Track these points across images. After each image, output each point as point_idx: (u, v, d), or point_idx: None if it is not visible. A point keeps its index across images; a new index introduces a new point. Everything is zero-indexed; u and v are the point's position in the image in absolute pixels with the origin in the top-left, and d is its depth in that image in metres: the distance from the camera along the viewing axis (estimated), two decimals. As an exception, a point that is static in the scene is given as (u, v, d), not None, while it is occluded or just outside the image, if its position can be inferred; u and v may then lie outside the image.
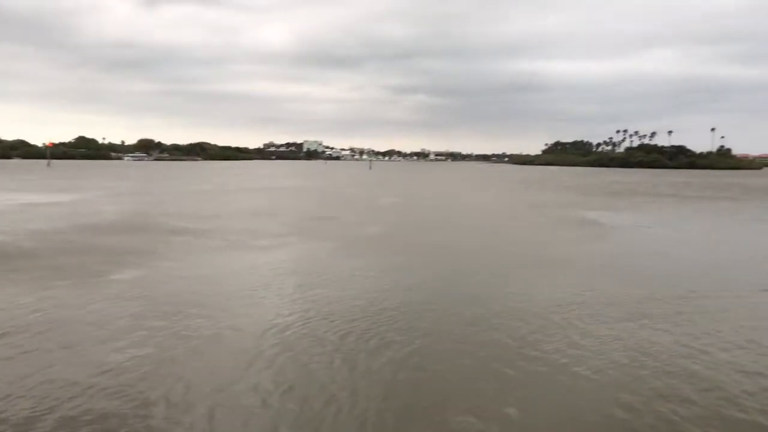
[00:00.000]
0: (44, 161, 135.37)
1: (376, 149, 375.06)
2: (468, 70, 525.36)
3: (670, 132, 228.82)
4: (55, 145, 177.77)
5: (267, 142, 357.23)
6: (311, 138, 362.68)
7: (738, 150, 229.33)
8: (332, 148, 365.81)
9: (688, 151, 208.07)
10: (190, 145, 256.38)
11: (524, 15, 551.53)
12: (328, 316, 12.15)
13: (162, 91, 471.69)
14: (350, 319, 11.90)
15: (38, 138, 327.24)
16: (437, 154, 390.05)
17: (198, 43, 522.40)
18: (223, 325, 11.53)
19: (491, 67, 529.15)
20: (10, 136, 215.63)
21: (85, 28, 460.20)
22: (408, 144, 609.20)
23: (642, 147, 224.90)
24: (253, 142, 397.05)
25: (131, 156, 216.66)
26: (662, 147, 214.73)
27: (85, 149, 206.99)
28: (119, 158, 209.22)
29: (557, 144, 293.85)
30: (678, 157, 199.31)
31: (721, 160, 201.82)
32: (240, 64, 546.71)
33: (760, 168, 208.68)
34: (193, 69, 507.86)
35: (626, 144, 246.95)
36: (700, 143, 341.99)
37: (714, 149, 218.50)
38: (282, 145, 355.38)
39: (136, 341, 10.40)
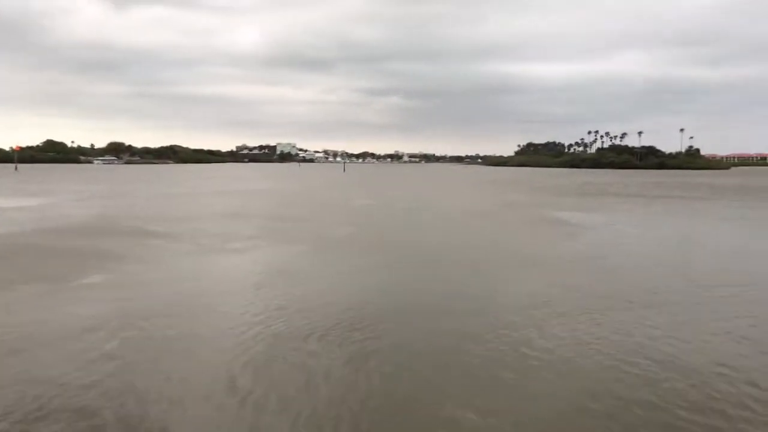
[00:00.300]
0: (11, 165, 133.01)
1: (350, 151, 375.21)
2: (441, 72, 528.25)
3: (640, 133, 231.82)
4: (22, 149, 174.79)
5: (240, 144, 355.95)
6: (285, 140, 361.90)
7: (707, 150, 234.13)
8: (306, 151, 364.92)
9: (658, 151, 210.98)
10: (162, 148, 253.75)
11: (497, 18, 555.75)
12: (294, 319, 12.07)
13: (133, 93, 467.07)
14: (317, 321, 11.83)
15: (5, 142, 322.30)
16: (411, 156, 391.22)
17: (170, 45, 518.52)
18: (189, 328, 11.43)
19: (464, 70, 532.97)
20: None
21: (52, 29, 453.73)
22: (382, 146, 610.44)
23: (613, 148, 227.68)
24: (226, 145, 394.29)
25: (101, 159, 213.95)
26: (633, 148, 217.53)
27: (53, 153, 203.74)
28: (89, 162, 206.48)
29: (530, 145, 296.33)
30: (648, 158, 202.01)
31: (691, 160, 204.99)
32: (213, 66, 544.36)
33: (728, 168, 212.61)
34: (165, 71, 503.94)
35: (597, 145, 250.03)
36: (670, 144, 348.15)
37: (683, 150, 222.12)
38: (255, 148, 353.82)
39: (101, 344, 10.26)
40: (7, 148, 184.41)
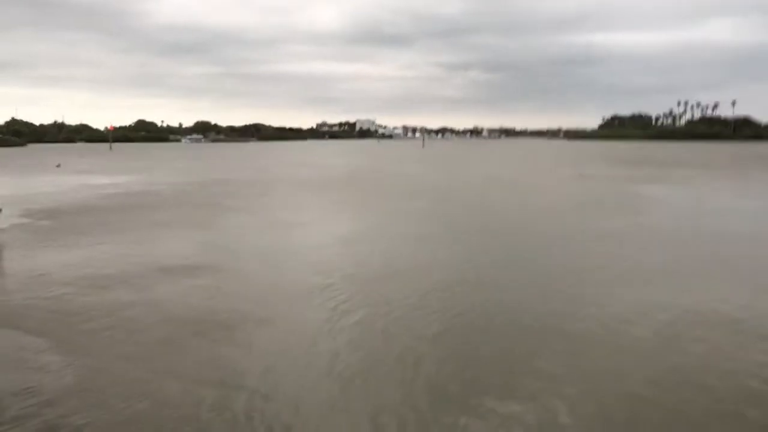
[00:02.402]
0: (106, 144, 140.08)
1: (429, 127, 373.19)
2: (521, 44, 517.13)
3: (733, 102, 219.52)
4: (116, 129, 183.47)
5: (320, 121, 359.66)
6: (364, 117, 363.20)
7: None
8: (385, 127, 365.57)
9: (754, 122, 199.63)
10: (245, 126, 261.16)
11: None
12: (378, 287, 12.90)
13: (217, 73, 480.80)
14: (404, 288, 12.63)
15: (100, 122, 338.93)
16: (491, 131, 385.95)
17: (252, 25, 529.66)
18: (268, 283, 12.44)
19: (545, 41, 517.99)
20: (73, 120, 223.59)
21: (146, 13, 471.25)
22: (461, 121, 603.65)
23: (704, 119, 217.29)
24: (307, 122, 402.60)
25: (189, 138, 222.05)
26: (725, 119, 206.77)
27: (144, 132, 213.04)
28: (177, 140, 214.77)
29: (614, 118, 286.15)
30: (742, 129, 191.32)
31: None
32: (293, 44, 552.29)
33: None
34: (247, 51, 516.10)
35: (687, 116, 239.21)
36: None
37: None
38: (335, 125, 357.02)
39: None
40: (102, 129, 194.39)
